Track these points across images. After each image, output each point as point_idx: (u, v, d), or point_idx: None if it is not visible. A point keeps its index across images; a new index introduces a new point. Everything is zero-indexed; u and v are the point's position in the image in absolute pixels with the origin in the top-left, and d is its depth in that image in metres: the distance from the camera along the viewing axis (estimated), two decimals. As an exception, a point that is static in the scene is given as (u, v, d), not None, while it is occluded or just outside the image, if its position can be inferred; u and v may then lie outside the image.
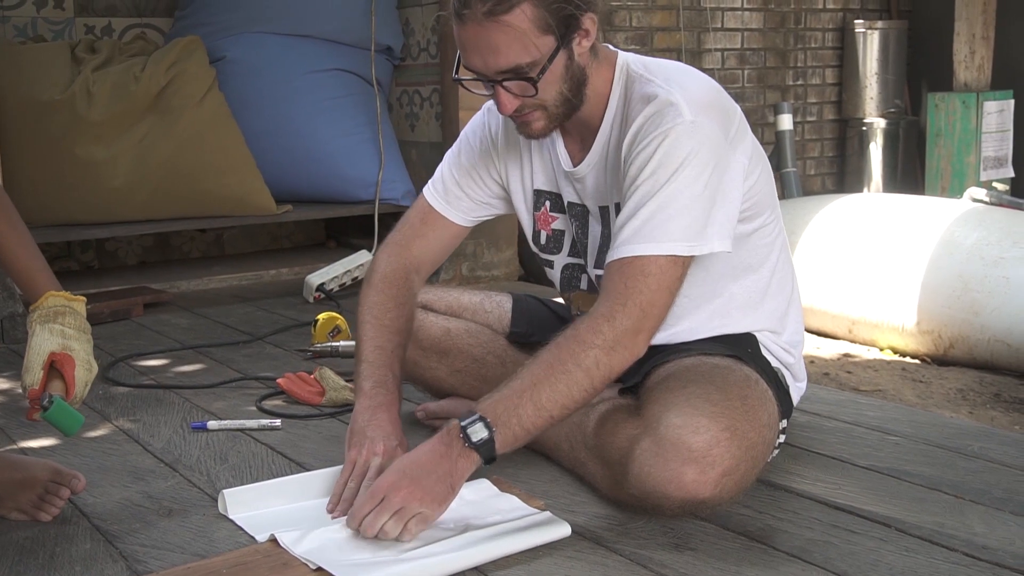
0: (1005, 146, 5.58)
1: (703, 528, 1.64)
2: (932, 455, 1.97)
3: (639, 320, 1.58)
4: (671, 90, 1.66)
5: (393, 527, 1.52)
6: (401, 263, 1.92)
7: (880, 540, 1.59)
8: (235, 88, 4.01)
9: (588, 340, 1.57)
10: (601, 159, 1.77)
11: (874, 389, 3.29)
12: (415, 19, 4.34)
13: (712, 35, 5.33)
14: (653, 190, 1.61)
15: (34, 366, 1.55)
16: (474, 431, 1.54)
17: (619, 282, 1.60)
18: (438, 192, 1.96)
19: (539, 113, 1.68)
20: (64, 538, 1.65)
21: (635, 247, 1.60)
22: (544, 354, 1.59)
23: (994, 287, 3.45)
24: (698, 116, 1.62)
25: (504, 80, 1.63)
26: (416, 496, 1.53)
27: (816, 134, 5.87)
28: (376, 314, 1.86)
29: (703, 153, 1.61)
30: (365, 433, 1.71)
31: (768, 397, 1.67)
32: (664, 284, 1.59)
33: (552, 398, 1.55)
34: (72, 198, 3.70)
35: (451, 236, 1.97)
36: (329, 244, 4.67)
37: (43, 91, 3.64)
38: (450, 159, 1.98)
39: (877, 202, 4.24)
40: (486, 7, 1.56)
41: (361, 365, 1.82)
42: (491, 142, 1.93)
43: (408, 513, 1.53)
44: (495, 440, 1.54)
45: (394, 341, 1.84)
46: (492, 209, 1.98)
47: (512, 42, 1.58)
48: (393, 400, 1.78)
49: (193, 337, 3.09)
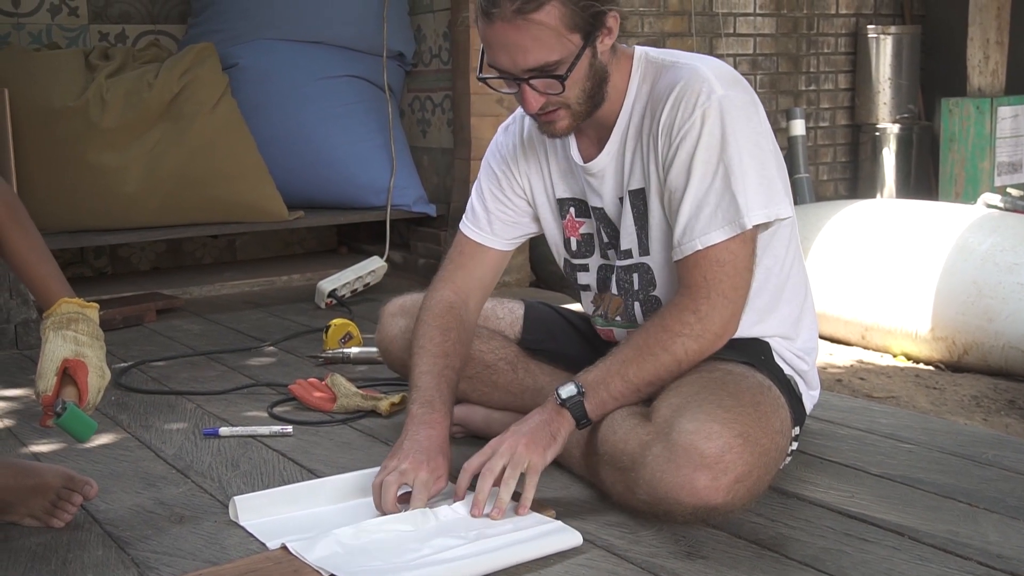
0: (1019, 151, 5.55)
1: (715, 536, 1.63)
2: (946, 463, 1.96)
3: (725, 308, 1.67)
4: (696, 65, 1.71)
5: (511, 475, 1.61)
6: (445, 296, 1.93)
7: (893, 549, 1.58)
8: (247, 95, 4.02)
9: (676, 329, 1.67)
10: (619, 146, 1.80)
11: (887, 396, 3.27)
12: (427, 25, 4.35)
13: (724, 41, 5.32)
14: (708, 175, 1.66)
15: (47, 373, 1.56)
16: (565, 390, 1.66)
17: (698, 276, 1.67)
18: (471, 222, 1.98)
19: (563, 111, 1.71)
20: (76, 544, 1.65)
21: (704, 238, 1.67)
22: (632, 338, 1.70)
23: (1008, 293, 3.43)
24: (728, 89, 1.68)
25: (531, 78, 1.65)
26: (522, 443, 1.63)
27: (829, 139, 5.85)
28: (421, 343, 1.87)
29: (744, 124, 1.67)
30: (402, 447, 1.71)
31: (781, 404, 1.67)
32: (741, 265, 1.68)
33: (640, 375, 1.68)
34: (85, 204, 3.72)
35: (493, 262, 1.98)
36: (341, 250, 4.68)
37: (57, 98, 3.66)
38: (477, 188, 2.00)
39: (890, 208, 4.23)
40: (515, 5, 1.58)
41: (412, 393, 1.82)
42: (511, 159, 1.95)
43: (519, 461, 1.61)
44: (584, 402, 1.66)
45: (440, 364, 1.84)
46: (526, 229, 2.00)
47: (540, 40, 1.60)
48: (437, 419, 1.76)
49: (205, 343, 3.09)
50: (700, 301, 1.67)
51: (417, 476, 1.66)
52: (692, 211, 1.68)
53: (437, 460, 1.70)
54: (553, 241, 2.00)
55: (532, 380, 1.99)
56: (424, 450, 1.70)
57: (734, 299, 1.68)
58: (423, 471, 1.67)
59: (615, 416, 1.69)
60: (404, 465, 1.67)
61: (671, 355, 1.67)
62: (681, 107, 1.68)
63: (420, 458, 1.68)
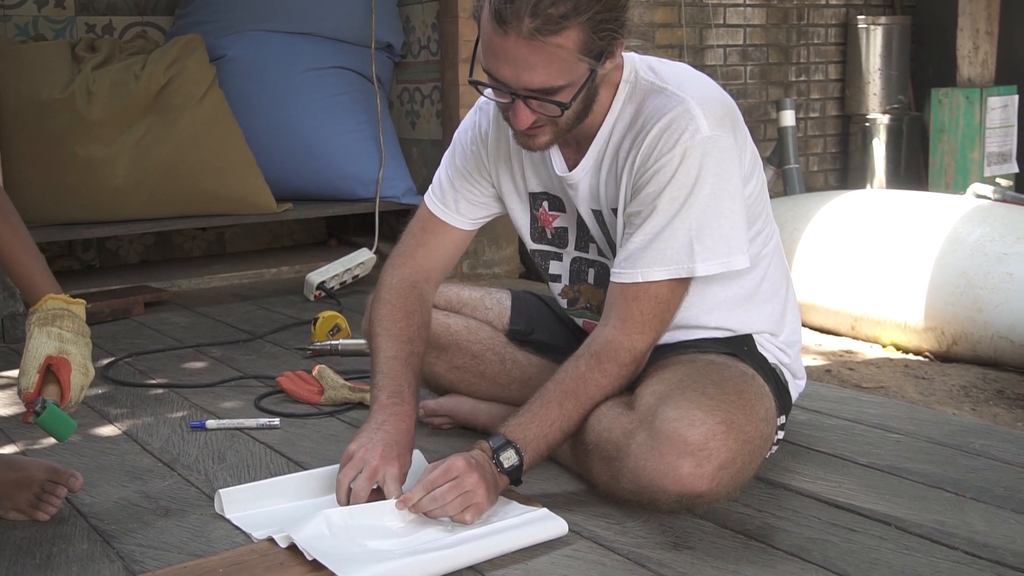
0: (1009, 142, 5.55)
1: (701, 527, 1.63)
2: (933, 453, 1.96)
3: (652, 341, 1.70)
4: (686, 99, 1.64)
5: (457, 505, 1.56)
6: (407, 274, 1.90)
7: (880, 538, 1.58)
8: (235, 86, 4.00)
9: (611, 372, 1.67)
10: (596, 163, 1.75)
11: (876, 386, 3.27)
12: (415, 16, 4.34)
13: (714, 31, 5.31)
14: (670, 213, 1.62)
15: (30, 370, 1.55)
16: (506, 458, 1.63)
17: (635, 309, 1.66)
18: (436, 198, 1.94)
19: (548, 128, 1.65)
20: (61, 538, 1.64)
21: (646, 271, 1.64)
22: (566, 383, 1.67)
23: (997, 283, 3.44)
24: (715, 130, 1.62)
25: (530, 98, 1.59)
26: (483, 485, 1.58)
27: (819, 130, 5.86)
28: (386, 325, 1.84)
29: (722, 170, 1.62)
30: (372, 437, 1.67)
31: (765, 392, 1.67)
32: (675, 304, 1.69)
33: (575, 421, 1.67)
34: (73, 197, 3.70)
35: (455, 241, 1.94)
36: (330, 242, 4.67)
37: (43, 90, 3.64)
38: (446, 161, 1.95)
39: (880, 198, 4.23)
40: (535, 24, 1.49)
41: (376, 377, 1.78)
42: (481, 142, 1.90)
43: (472, 498, 1.57)
44: (523, 466, 1.64)
45: (406, 350, 1.81)
46: (491, 209, 1.95)
47: (552, 63, 1.54)
48: (407, 411, 1.73)
49: (193, 336, 3.08)
50: (635, 336, 1.66)
51: (387, 472, 1.63)
52: (644, 242, 1.64)
53: (405, 457, 1.68)
54: (520, 229, 1.95)
55: (519, 371, 1.98)
56: (395, 444, 1.66)
57: (661, 332, 1.70)
58: (393, 467, 1.64)
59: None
60: (375, 461, 1.63)
61: (604, 394, 1.68)
62: (663, 139, 1.62)
63: (391, 453, 1.65)
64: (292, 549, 1.52)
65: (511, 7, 1.50)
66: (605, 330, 1.68)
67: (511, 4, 1.50)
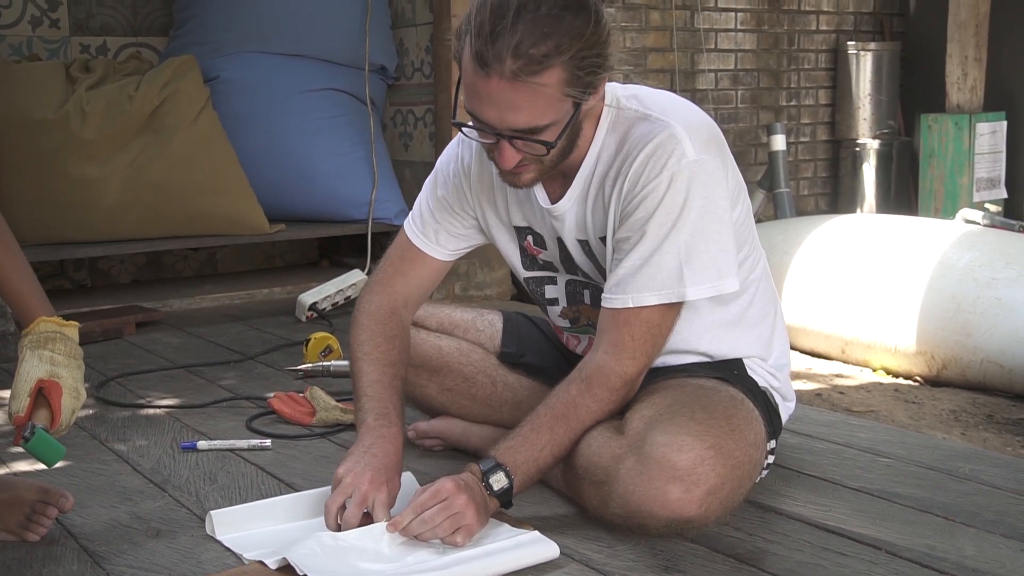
0: (998, 167, 5.59)
1: (692, 550, 1.63)
2: (923, 477, 1.97)
3: (644, 366, 1.69)
4: (671, 123, 1.64)
5: (447, 527, 1.55)
6: (385, 300, 1.90)
7: (870, 563, 1.59)
8: (229, 107, 4.02)
9: (603, 397, 1.67)
10: (582, 194, 1.74)
11: (867, 410, 3.28)
12: (409, 39, 4.36)
13: (706, 56, 5.35)
14: (659, 238, 1.62)
15: (21, 393, 1.55)
16: (496, 480, 1.62)
17: (625, 335, 1.66)
18: (417, 227, 1.93)
19: (533, 166, 1.64)
20: (51, 559, 1.64)
21: (637, 296, 1.64)
22: (557, 407, 1.67)
23: (987, 308, 3.45)
24: (701, 154, 1.62)
25: (515, 138, 1.58)
26: (472, 506, 1.57)
27: (809, 155, 5.89)
28: (367, 350, 1.84)
29: (709, 193, 1.63)
30: (360, 461, 1.66)
31: (755, 417, 1.67)
32: (667, 328, 1.69)
33: (566, 446, 1.67)
34: (65, 217, 3.70)
35: (432, 271, 1.94)
36: (322, 263, 4.67)
37: (37, 110, 3.65)
38: (427, 190, 1.94)
39: (870, 223, 4.25)
40: (517, 65, 1.48)
41: (361, 400, 1.78)
42: (464, 176, 1.88)
43: (462, 519, 1.56)
44: (513, 489, 1.63)
45: (389, 374, 1.81)
46: (471, 241, 1.94)
47: (535, 103, 1.52)
48: (394, 433, 1.72)
49: (185, 356, 3.08)
50: (626, 362, 1.66)
51: (377, 497, 1.62)
52: (634, 267, 1.64)
53: (394, 481, 1.67)
54: (510, 259, 1.94)
55: (511, 394, 1.99)
56: (383, 468, 1.65)
57: (652, 358, 1.70)
58: (383, 493, 1.63)
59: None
60: (364, 487, 1.62)
61: (595, 419, 1.67)
62: (650, 164, 1.62)
63: (379, 478, 1.63)
64: (282, 571, 1.52)
65: (492, 49, 1.49)
66: (596, 355, 1.68)
67: (492, 46, 1.48)
